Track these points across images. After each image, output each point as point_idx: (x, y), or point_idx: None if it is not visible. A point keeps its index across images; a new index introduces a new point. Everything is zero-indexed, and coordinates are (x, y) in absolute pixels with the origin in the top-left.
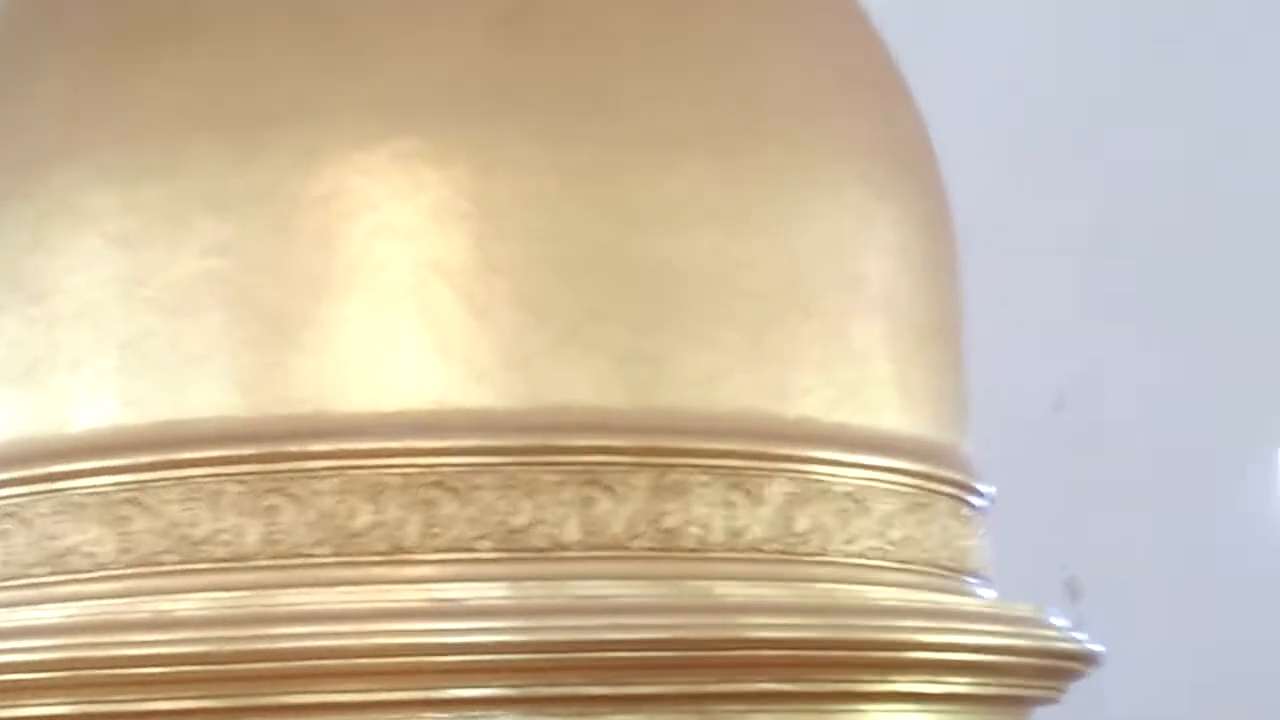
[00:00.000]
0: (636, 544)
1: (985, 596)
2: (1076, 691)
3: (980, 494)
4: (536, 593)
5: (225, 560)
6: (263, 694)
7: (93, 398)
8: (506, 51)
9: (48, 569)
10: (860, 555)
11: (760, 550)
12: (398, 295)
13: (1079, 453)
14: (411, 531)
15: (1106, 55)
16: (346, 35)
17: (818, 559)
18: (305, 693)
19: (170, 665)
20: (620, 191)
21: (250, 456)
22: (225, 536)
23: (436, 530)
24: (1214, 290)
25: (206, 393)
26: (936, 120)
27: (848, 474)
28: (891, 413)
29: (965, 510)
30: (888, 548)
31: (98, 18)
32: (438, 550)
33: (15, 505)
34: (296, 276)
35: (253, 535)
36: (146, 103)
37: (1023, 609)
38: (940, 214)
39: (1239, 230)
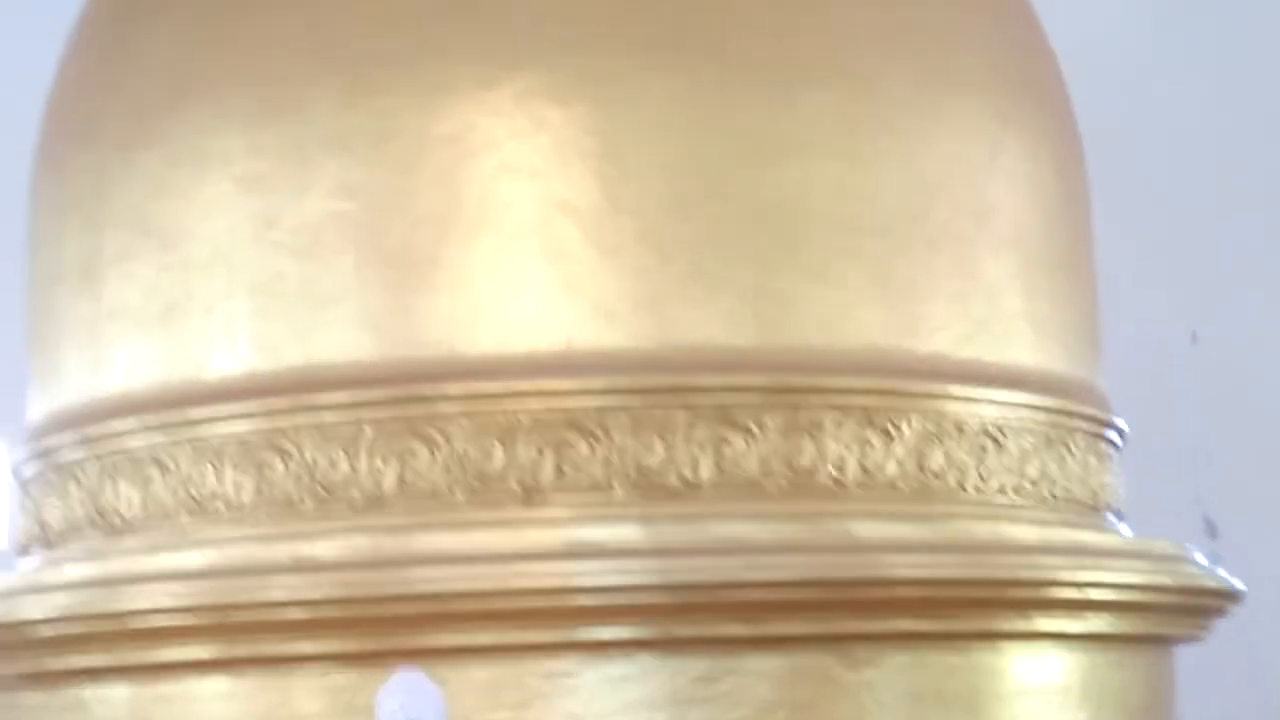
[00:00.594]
0: (770, 483)
1: (1124, 533)
2: (1225, 632)
3: (1116, 429)
4: (671, 533)
5: (362, 504)
6: (401, 636)
7: (227, 342)
8: None
9: (188, 513)
10: (997, 492)
11: (896, 488)
12: (523, 235)
13: (1214, 387)
14: (545, 472)
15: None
16: None
17: (954, 496)
18: (443, 634)
19: (310, 608)
20: (744, 126)
21: (383, 399)
22: (362, 479)
23: (569, 471)
24: None
25: (338, 335)
26: (1069, 51)
27: (982, 410)
28: (1024, 348)
29: (1102, 445)
30: (1025, 484)
31: None
32: (571, 491)
33: (155, 450)
34: (422, 217)
35: (389, 478)
36: (268, 44)
37: (1163, 546)
38: (1071, 147)
39: None
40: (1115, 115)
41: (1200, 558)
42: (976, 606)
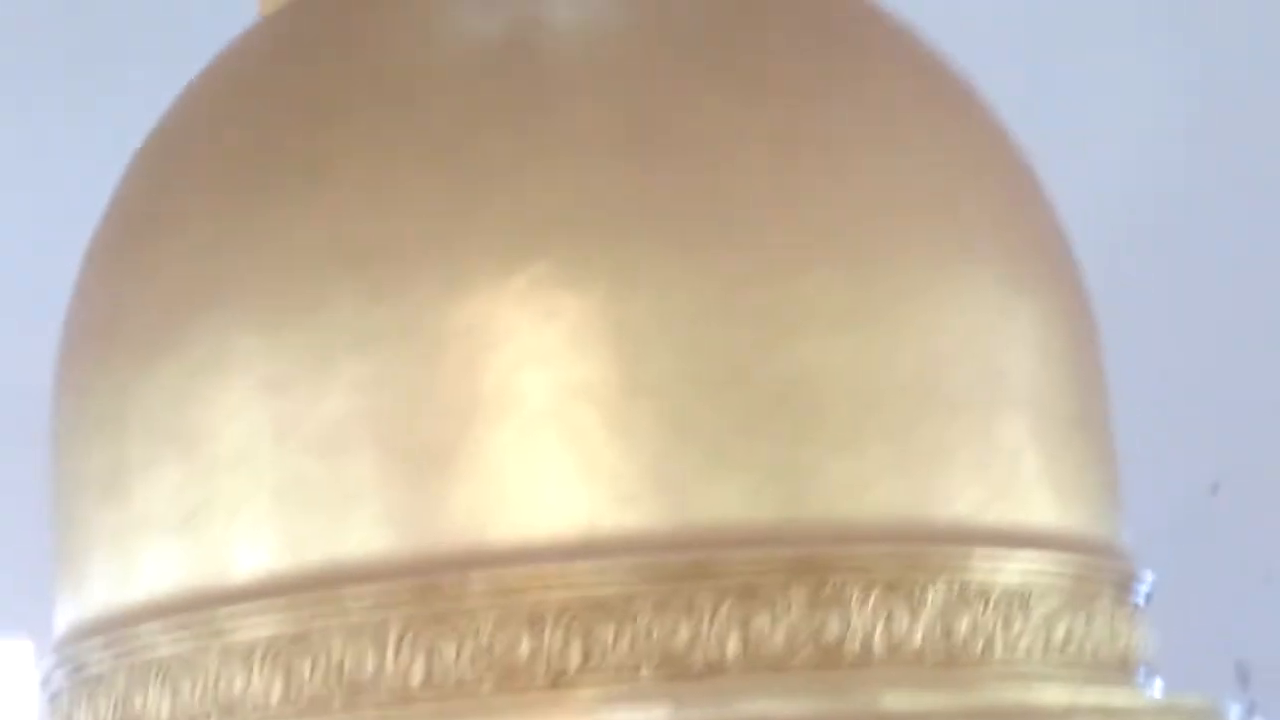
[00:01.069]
0: (797, 657)
1: (1154, 689)
2: None
3: (1143, 583)
4: (699, 714)
5: (389, 700)
6: None
7: (251, 543)
8: (633, 171)
9: (218, 718)
10: (1025, 655)
11: (923, 657)
12: (542, 421)
13: (1238, 534)
14: (572, 658)
15: (1249, 139)
16: (474, 165)
17: (982, 662)
18: None
19: None
20: (757, 303)
21: (409, 593)
22: (389, 676)
23: (596, 656)
24: None
25: (362, 531)
26: (1075, 207)
27: (1006, 574)
28: (1045, 509)
29: (1128, 601)
30: (1053, 646)
31: (229, 166)
32: (598, 675)
33: (184, 656)
34: (442, 409)
35: (416, 673)
36: (285, 245)
37: (1194, 700)
38: (1079, 304)
39: None
40: (1133, 264)
41: (1234, 709)
42: None
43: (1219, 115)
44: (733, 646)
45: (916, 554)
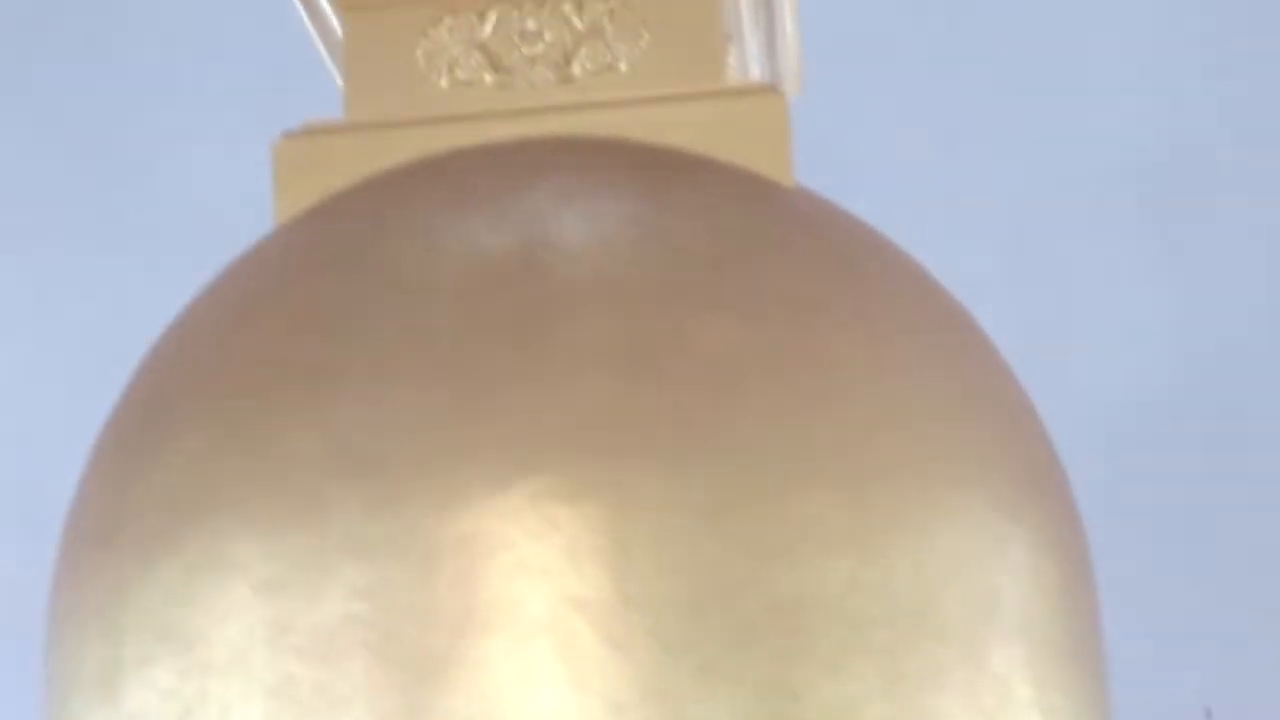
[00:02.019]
0: None
1: None
2: None
3: None
4: None
5: None
6: None
7: None
8: (633, 390)
9: None
10: None
11: None
12: (536, 632)
13: None
14: None
15: (1234, 376)
16: (477, 379)
17: None
18: None
19: None
20: (750, 524)
21: None
22: None
23: None
24: None
25: None
26: (1068, 433)
27: None
28: None
29: None
30: None
31: (238, 372)
32: None
33: None
34: (437, 619)
35: None
36: (286, 454)
37: None
38: (1072, 533)
39: None
40: (1128, 489)
41: None
42: None
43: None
44: None
45: None
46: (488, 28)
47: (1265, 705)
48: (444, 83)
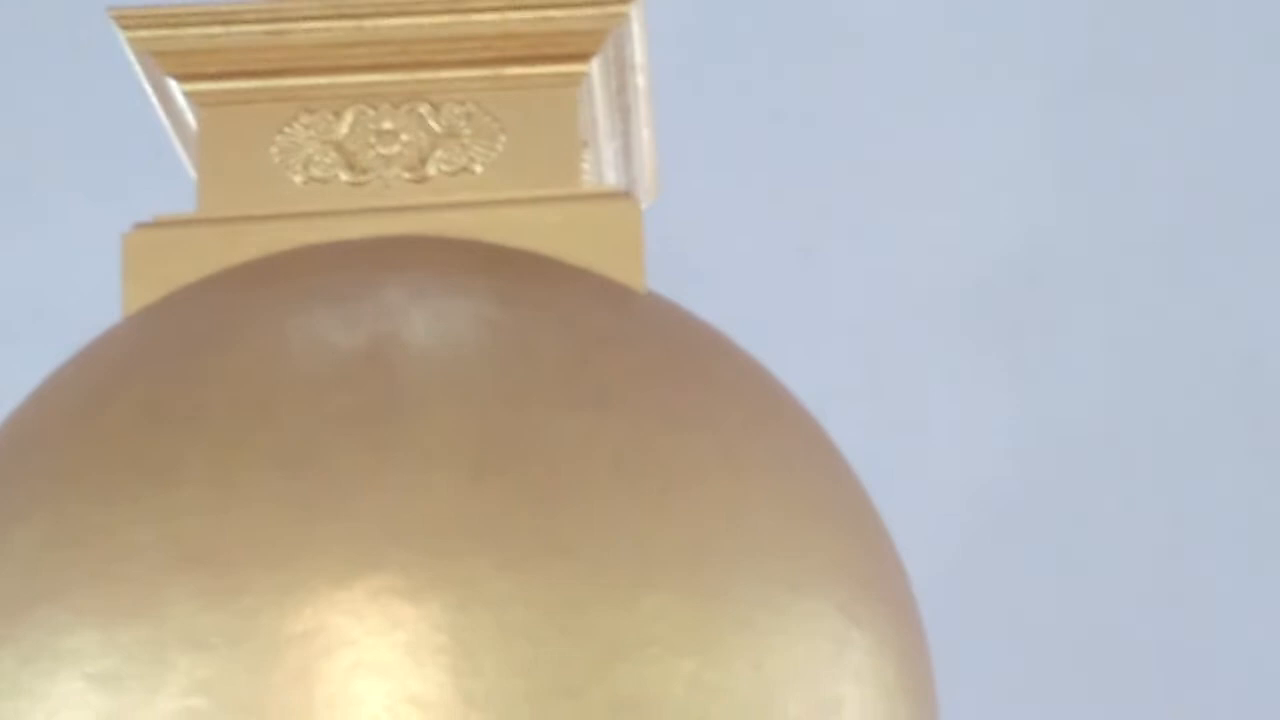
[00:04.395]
0: None
1: None
2: None
3: None
4: None
5: None
6: None
7: None
8: (478, 489)
9: None
10: None
11: None
12: None
13: None
14: None
15: (1087, 470)
16: (322, 476)
17: None
18: None
19: None
20: (593, 623)
21: None
22: None
23: None
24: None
25: None
26: (910, 534)
27: None
28: None
29: None
30: None
31: (77, 463)
32: None
33: None
34: (275, 715)
35: None
36: (124, 544)
37: None
38: (916, 638)
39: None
40: (964, 592)
41: None
42: None
43: (1047, 436)
44: None
45: None
46: (344, 127)
47: None
48: (298, 179)
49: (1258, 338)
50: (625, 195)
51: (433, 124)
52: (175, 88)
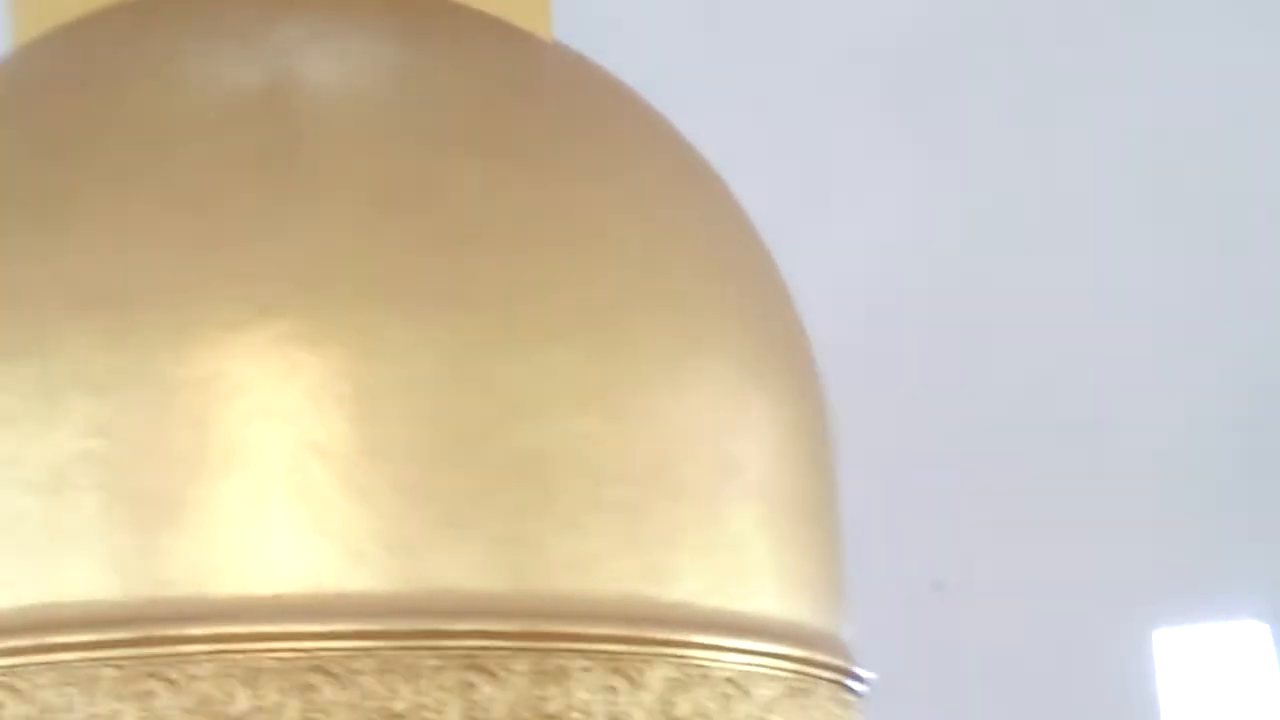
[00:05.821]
0: None
1: None
2: None
3: (860, 678)
4: None
5: None
6: None
7: None
8: (382, 234)
9: None
10: None
11: None
12: (274, 477)
13: (958, 634)
14: (289, 716)
15: (1002, 244)
16: (218, 215)
17: None
18: None
19: None
20: (497, 378)
21: (125, 640)
22: None
23: (315, 715)
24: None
25: (80, 575)
26: (816, 306)
27: (727, 659)
28: (769, 597)
29: (846, 695)
30: None
31: None
32: None
33: None
34: (171, 458)
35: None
36: (20, 283)
37: None
38: (815, 401)
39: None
40: (866, 365)
41: None
42: None
43: (960, 214)
44: (453, 714)
45: (639, 634)
46: None
47: (994, 579)
48: None
49: (1165, 101)
50: None
51: None
52: None
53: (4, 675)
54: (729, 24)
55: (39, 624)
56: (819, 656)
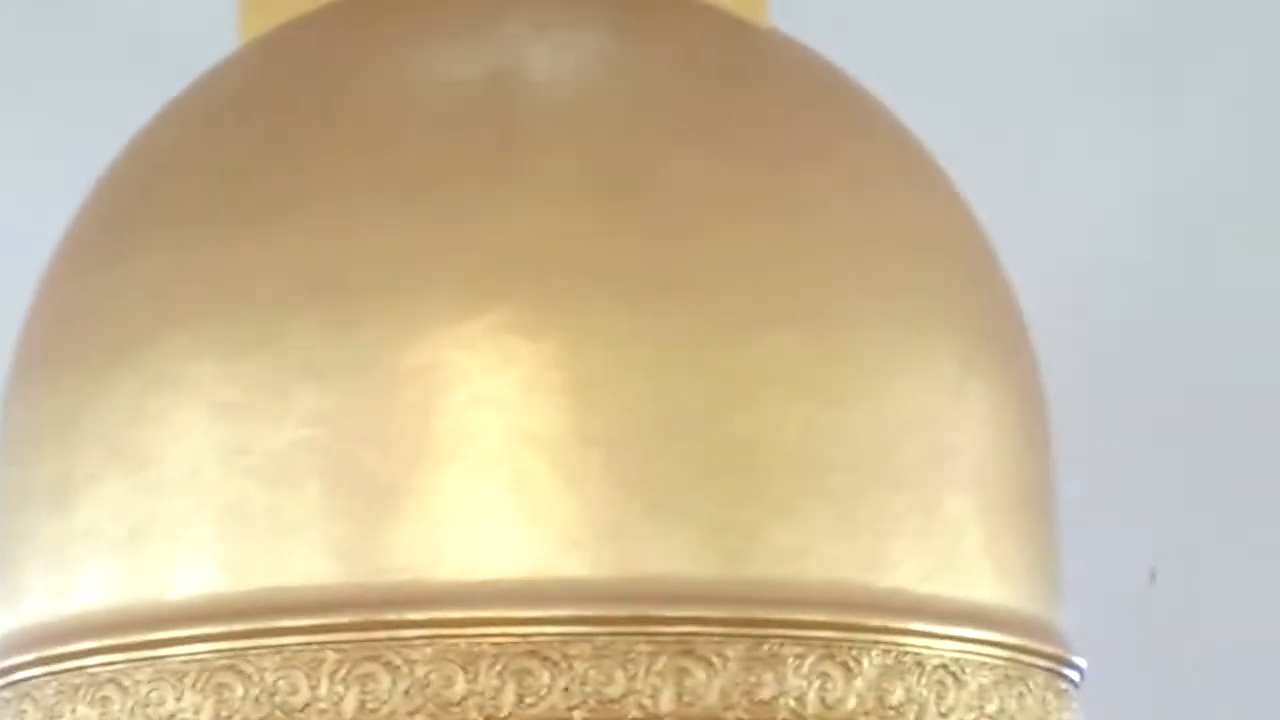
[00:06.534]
0: (730, 714)
1: None
2: None
3: (1076, 667)
4: None
5: None
6: None
7: (192, 565)
8: (598, 224)
9: None
10: None
11: None
12: (490, 465)
13: (1173, 625)
14: (506, 700)
15: (1215, 240)
16: (438, 208)
17: None
18: None
19: None
20: (712, 363)
21: (347, 625)
22: (322, 704)
23: (531, 700)
24: None
25: (304, 561)
26: (1032, 289)
27: (942, 646)
28: (985, 584)
29: (1060, 684)
30: None
31: (199, 193)
32: (533, 718)
33: (115, 672)
34: (392, 447)
35: (349, 704)
36: (245, 274)
37: None
38: (1033, 387)
39: None
40: (1081, 348)
41: None
42: None
43: (1181, 187)
44: (667, 699)
45: (853, 620)
46: None
47: (1212, 570)
48: None
49: None
50: None
51: None
52: None
53: (232, 658)
54: (945, 11)
55: (264, 609)
56: (1034, 645)
